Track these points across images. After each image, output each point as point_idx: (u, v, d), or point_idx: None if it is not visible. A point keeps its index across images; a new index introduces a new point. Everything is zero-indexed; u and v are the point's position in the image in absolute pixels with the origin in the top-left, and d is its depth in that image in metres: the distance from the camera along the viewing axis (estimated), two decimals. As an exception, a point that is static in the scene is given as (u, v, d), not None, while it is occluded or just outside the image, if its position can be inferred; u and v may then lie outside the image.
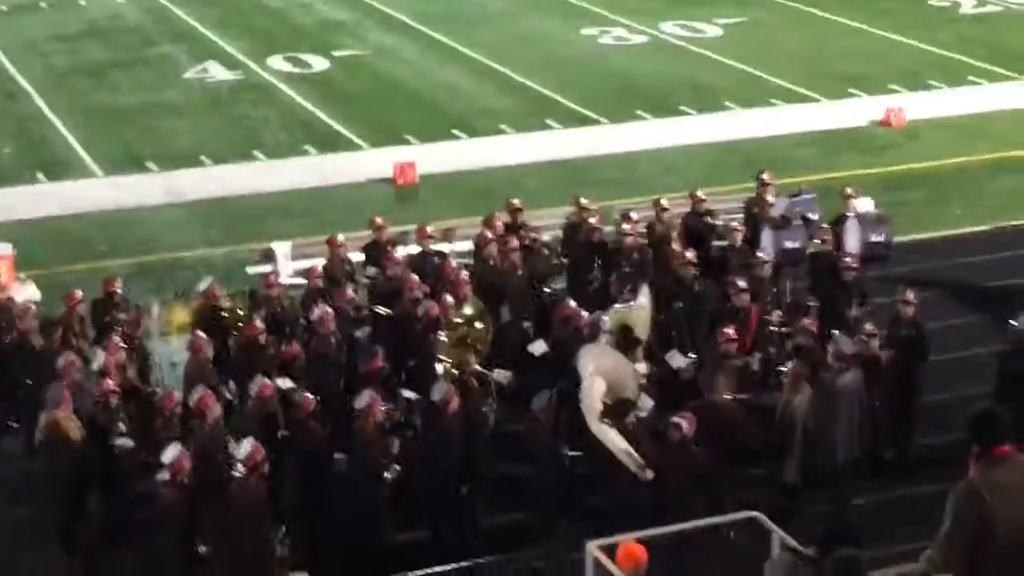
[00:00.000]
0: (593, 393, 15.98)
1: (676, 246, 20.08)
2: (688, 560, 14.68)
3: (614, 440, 15.83)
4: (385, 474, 16.08)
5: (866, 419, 17.08)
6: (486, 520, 16.79)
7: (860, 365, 17.12)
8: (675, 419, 15.87)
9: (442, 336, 18.00)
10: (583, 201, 21.70)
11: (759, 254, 20.10)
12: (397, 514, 16.49)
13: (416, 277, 19.33)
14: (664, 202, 21.76)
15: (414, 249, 21.01)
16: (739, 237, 20.55)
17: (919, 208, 26.90)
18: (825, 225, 21.26)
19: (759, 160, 27.36)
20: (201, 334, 17.97)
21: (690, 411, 16.12)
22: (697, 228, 21.51)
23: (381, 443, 16.18)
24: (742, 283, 18.82)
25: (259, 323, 18.11)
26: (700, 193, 22.13)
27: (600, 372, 16.19)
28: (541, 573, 14.91)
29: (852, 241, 21.36)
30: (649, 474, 15.67)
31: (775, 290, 19.90)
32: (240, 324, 18.61)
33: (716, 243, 21.16)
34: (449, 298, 18.49)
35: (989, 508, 8.58)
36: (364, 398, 16.23)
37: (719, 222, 21.76)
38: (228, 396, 17.18)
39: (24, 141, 30.75)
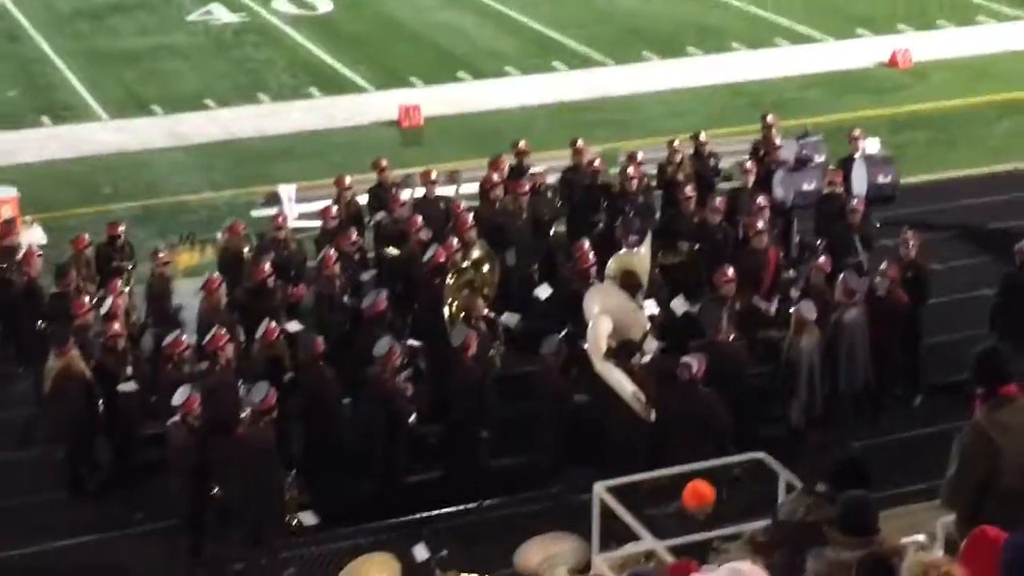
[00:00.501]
0: (598, 332, 16.00)
1: (689, 190, 20.02)
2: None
3: (619, 380, 15.88)
4: (410, 419, 16.15)
5: (870, 357, 17.19)
6: (494, 462, 16.87)
7: (868, 303, 17.20)
8: (685, 359, 15.93)
9: (449, 280, 18.01)
10: (579, 143, 21.62)
11: (774, 196, 20.15)
12: (408, 456, 16.59)
13: (421, 219, 19.33)
14: (677, 143, 21.71)
15: (420, 192, 20.97)
16: (751, 179, 20.51)
17: (925, 149, 26.84)
18: (832, 167, 21.23)
19: (766, 102, 27.28)
20: (216, 275, 17.98)
21: (695, 351, 16.20)
22: (699, 171, 21.47)
23: (400, 389, 16.23)
24: (761, 224, 18.81)
25: (267, 266, 18.10)
26: (703, 136, 22.08)
27: (606, 312, 16.21)
28: (549, 514, 14.97)
29: (859, 183, 21.33)
30: (652, 415, 15.73)
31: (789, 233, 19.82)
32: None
33: (722, 185, 21.11)
34: (455, 241, 18.48)
35: (996, 449, 8.63)
36: (384, 344, 16.26)
37: (724, 164, 21.72)
38: (241, 338, 17.16)
39: (28, 84, 30.64)
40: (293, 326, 17.32)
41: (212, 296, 17.67)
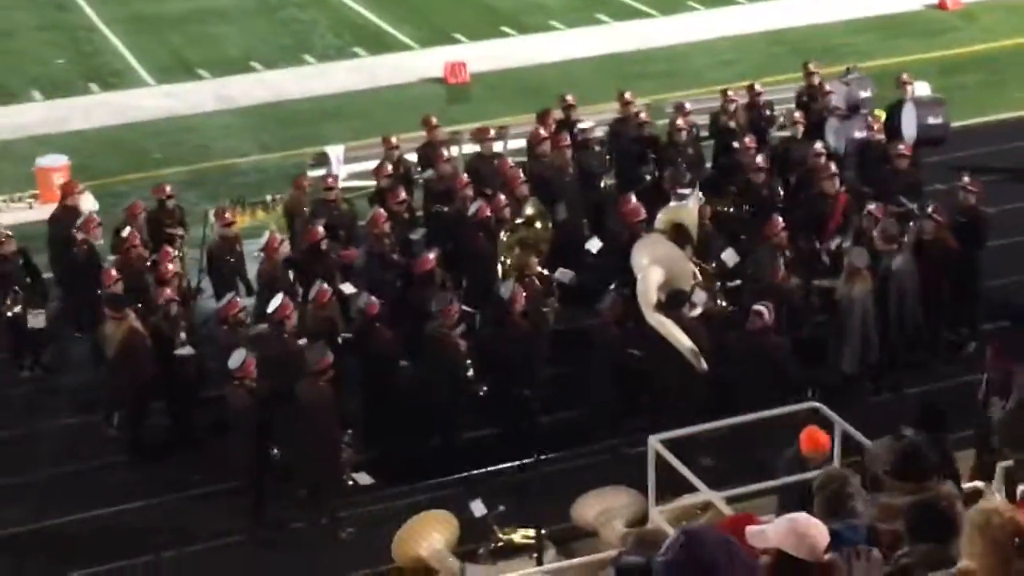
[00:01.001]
0: (649, 283, 15.97)
1: (747, 140, 19.95)
2: (753, 452, 14.77)
3: (671, 331, 15.85)
4: (468, 374, 16.21)
5: (919, 303, 17.12)
6: (550, 417, 16.91)
7: (916, 248, 17.12)
8: (756, 307, 15.93)
9: (502, 237, 18.00)
10: (627, 95, 21.54)
11: (827, 144, 20.08)
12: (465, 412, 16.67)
13: (467, 176, 19.32)
14: (731, 93, 21.61)
15: (468, 149, 20.94)
16: (800, 129, 20.39)
17: (976, 91, 26.58)
18: (877, 112, 21.11)
19: (812, 48, 27.10)
20: (276, 235, 18.01)
21: (754, 295, 16.18)
22: (755, 120, 21.36)
23: (458, 343, 16.28)
24: (833, 168, 18.72)
25: (320, 228, 18.14)
26: (757, 85, 21.96)
27: (656, 262, 16.18)
28: (605, 468, 15.00)
29: (909, 126, 21.19)
30: (704, 366, 15.71)
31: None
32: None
33: (777, 134, 21.02)
34: (503, 198, 18.46)
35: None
36: (440, 300, 16.30)
37: (779, 114, 21.62)
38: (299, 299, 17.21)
39: (75, 52, 30.80)
40: (347, 288, 17.38)
41: (272, 256, 17.71)
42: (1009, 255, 19.62)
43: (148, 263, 18.03)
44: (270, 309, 16.36)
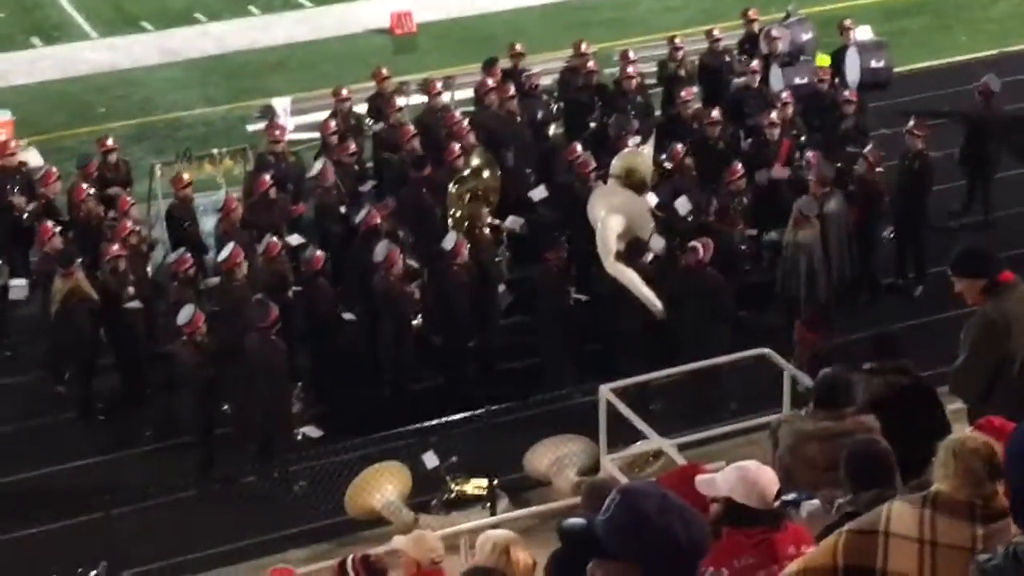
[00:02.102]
0: (609, 232, 15.97)
1: (689, 91, 19.95)
2: (703, 396, 14.86)
3: (631, 279, 15.88)
4: (414, 322, 16.19)
5: (851, 244, 17.30)
6: (501, 366, 16.94)
7: (856, 187, 17.25)
8: (692, 244, 15.99)
9: (451, 189, 17.96)
10: (583, 45, 21.47)
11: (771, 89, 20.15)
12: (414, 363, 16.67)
13: (412, 127, 19.25)
14: (678, 40, 21.57)
15: (416, 100, 20.84)
16: (757, 78, 20.37)
17: (921, 35, 26.63)
18: (822, 57, 21.16)
19: (759, -7, 27.03)
20: (234, 194, 17.85)
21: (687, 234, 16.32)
22: (715, 67, 21.35)
23: (405, 292, 16.25)
24: (774, 116, 18.76)
25: (267, 178, 18.04)
26: (716, 31, 21.87)
27: (613, 211, 16.18)
28: (557, 418, 15.04)
29: (852, 71, 21.26)
30: (662, 311, 15.77)
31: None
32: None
33: (735, 80, 21.04)
34: (457, 147, 18.39)
35: (1006, 338, 8.70)
36: (382, 249, 16.24)
37: (736, 60, 21.61)
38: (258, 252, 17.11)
39: (16, 6, 30.34)
40: (294, 240, 17.31)
41: (229, 216, 17.58)
42: (953, 200, 19.75)
43: (100, 219, 17.91)
44: (220, 258, 16.30)
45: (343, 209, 18.07)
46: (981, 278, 8.78)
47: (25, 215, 18.15)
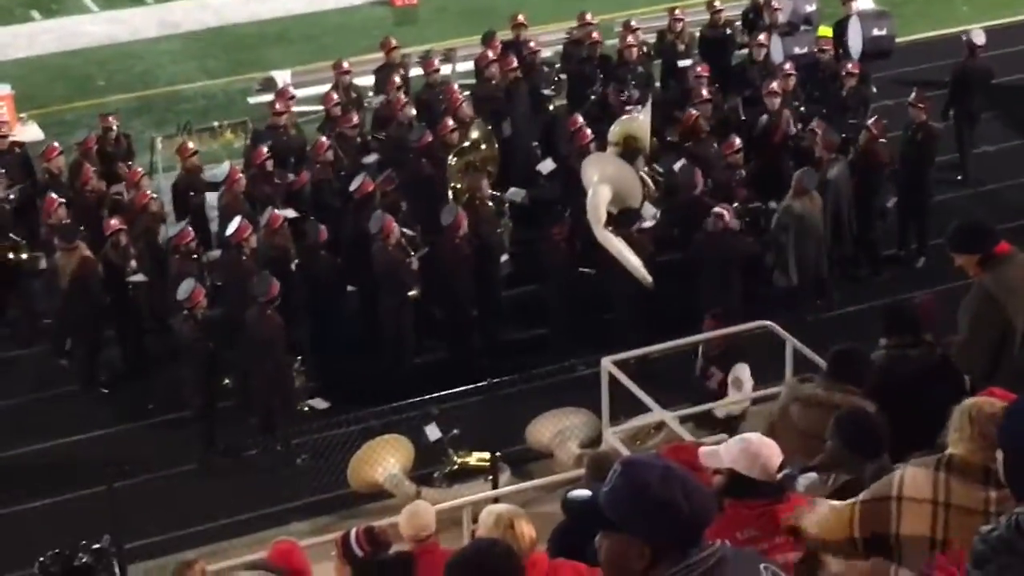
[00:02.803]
0: (598, 201, 15.99)
1: (691, 61, 19.89)
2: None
3: (619, 248, 15.90)
4: (410, 293, 16.18)
5: (853, 213, 17.33)
6: (503, 338, 16.93)
7: (855, 159, 17.25)
8: (716, 209, 15.99)
9: (451, 161, 17.93)
10: (587, 16, 21.40)
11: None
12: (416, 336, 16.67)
13: (403, 96, 19.21)
14: (678, 11, 21.50)
15: (414, 72, 20.78)
16: (763, 52, 20.26)
17: (923, 6, 26.53)
18: (824, 28, 21.10)
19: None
20: (238, 166, 17.81)
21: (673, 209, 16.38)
22: (716, 39, 21.27)
23: (403, 263, 16.23)
24: (775, 86, 18.65)
25: (264, 149, 18.00)
26: (717, 2, 21.78)
27: (604, 179, 16.18)
28: (559, 389, 15.05)
29: (855, 40, 21.21)
30: (650, 280, 15.81)
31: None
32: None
33: (737, 53, 20.98)
34: (451, 121, 18.35)
35: (1004, 307, 8.69)
36: (377, 220, 16.22)
37: (738, 32, 21.53)
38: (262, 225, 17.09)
39: (15, -22, 30.28)
40: (289, 213, 17.25)
41: (232, 188, 17.53)
42: (958, 170, 19.74)
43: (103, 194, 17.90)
44: (228, 232, 16.27)
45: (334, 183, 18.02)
46: (977, 252, 8.78)
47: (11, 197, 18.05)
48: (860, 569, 6.16)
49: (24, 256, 17.34)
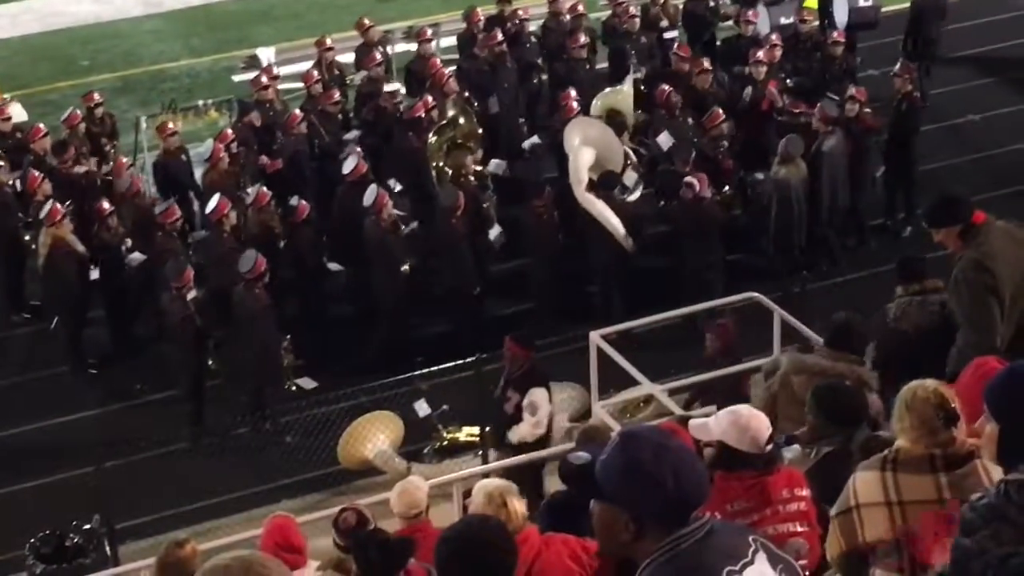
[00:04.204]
0: (580, 164, 16.03)
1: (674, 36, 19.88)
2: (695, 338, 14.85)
3: (601, 210, 15.93)
4: (403, 268, 16.15)
5: (848, 184, 17.34)
6: (493, 312, 16.92)
7: (845, 129, 17.23)
8: (688, 179, 15.99)
9: (431, 140, 17.88)
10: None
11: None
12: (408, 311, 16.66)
13: (381, 69, 19.24)
14: None
15: (400, 48, 20.73)
16: (751, 29, 20.18)
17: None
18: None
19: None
20: (220, 145, 17.80)
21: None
22: (698, 13, 21.23)
23: (395, 236, 16.20)
24: (761, 55, 18.62)
25: (255, 115, 17.93)
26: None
27: (587, 143, 16.20)
28: (548, 362, 15.03)
29: (840, 11, 21.17)
30: (632, 245, 15.83)
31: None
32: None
33: (722, 25, 20.93)
34: (430, 97, 18.29)
35: (992, 274, 8.69)
36: (371, 194, 16.17)
37: (721, 5, 21.49)
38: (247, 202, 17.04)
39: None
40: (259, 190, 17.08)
41: (216, 165, 17.48)
42: (943, 138, 19.74)
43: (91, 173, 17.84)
44: (207, 210, 16.24)
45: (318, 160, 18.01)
46: (958, 223, 8.78)
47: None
48: None
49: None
